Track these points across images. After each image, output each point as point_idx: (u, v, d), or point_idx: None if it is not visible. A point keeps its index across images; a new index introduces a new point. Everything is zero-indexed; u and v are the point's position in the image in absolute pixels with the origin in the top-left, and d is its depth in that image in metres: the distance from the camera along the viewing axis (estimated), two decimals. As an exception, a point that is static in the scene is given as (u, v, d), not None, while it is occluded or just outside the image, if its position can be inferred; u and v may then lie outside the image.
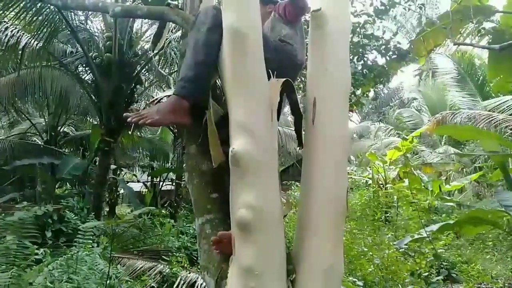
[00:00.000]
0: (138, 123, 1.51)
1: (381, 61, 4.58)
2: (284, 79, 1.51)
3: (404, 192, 5.92)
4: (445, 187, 8.10)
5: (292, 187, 8.99)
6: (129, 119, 1.52)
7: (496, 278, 4.79)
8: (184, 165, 1.73)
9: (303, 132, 1.63)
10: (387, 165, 8.09)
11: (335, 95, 1.44)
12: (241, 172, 1.27)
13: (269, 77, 1.45)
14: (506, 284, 4.65)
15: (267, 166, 1.30)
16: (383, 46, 4.09)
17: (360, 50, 3.95)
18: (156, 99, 1.63)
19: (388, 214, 6.94)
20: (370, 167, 9.11)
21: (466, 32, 5.62)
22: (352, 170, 10.27)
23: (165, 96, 1.61)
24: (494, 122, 6.59)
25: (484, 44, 5.38)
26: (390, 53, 4.12)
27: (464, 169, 10.05)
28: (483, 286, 4.63)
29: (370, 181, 8.90)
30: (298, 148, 1.74)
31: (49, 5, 5.36)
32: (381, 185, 8.14)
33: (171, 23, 2.04)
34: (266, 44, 1.47)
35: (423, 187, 7.22)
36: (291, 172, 11.37)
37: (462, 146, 10.64)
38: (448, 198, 7.28)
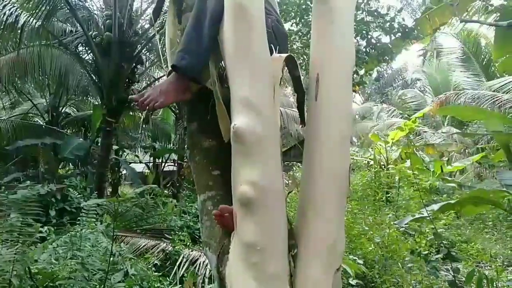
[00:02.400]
0: (145, 108, 1.50)
1: (385, 39, 4.50)
2: (287, 54, 1.49)
3: (406, 173, 5.92)
4: (446, 168, 8.10)
5: (294, 168, 9.01)
6: (136, 107, 1.52)
7: (495, 257, 4.84)
8: (185, 144, 1.73)
9: (305, 110, 1.62)
10: (389, 146, 8.07)
11: (339, 70, 1.41)
12: (243, 149, 1.25)
13: (270, 52, 1.42)
14: (505, 263, 4.70)
15: (269, 142, 1.28)
16: (388, 24, 4.00)
17: (364, 27, 3.87)
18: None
19: (389, 195, 6.97)
20: (372, 148, 9.10)
21: (473, 10, 5.51)
22: (354, 151, 10.26)
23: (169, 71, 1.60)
24: (498, 103, 6.54)
25: (491, 22, 5.28)
26: (395, 30, 4.04)
27: (466, 150, 10.03)
28: (482, 264, 4.69)
29: (372, 162, 8.90)
30: (301, 126, 1.72)
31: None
32: (383, 166, 8.14)
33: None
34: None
35: (424, 167, 7.22)
36: (293, 153, 11.38)
37: (465, 127, 10.59)
38: (450, 179, 7.30)
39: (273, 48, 1.46)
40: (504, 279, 3.86)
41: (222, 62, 1.68)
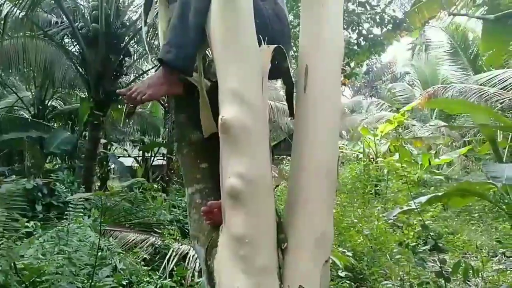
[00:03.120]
0: (133, 101, 1.47)
1: (376, 31, 4.50)
2: (275, 45, 1.47)
3: (394, 166, 5.98)
4: (434, 160, 8.20)
5: (284, 161, 9.03)
6: (124, 100, 1.49)
7: (481, 248, 4.94)
8: (174, 137, 1.71)
9: (294, 102, 1.61)
10: (378, 139, 8.13)
11: (328, 62, 1.40)
12: (231, 141, 1.24)
13: (259, 44, 1.40)
14: (490, 254, 4.80)
15: (258, 134, 1.27)
16: (378, 15, 4.00)
17: (355, 19, 3.86)
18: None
19: (378, 187, 7.03)
20: (361, 141, 9.16)
21: (461, 4, 5.55)
22: (343, 144, 10.32)
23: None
24: (485, 96, 6.63)
25: (479, 15, 5.33)
26: (386, 22, 4.04)
27: (454, 143, 10.17)
28: (468, 255, 4.78)
29: (361, 155, 8.97)
30: (290, 118, 1.71)
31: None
32: (372, 159, 8.21)
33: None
34: (255, 7, 1.41)
35: (413, 160, 7.30)
36: (282, 146, 11.39)
37: (453, 120, 10.73)
38: (437, 171, 7.39)
39: (262, 39, 1.44)
40: (489, 269, 3.94)
41: (209, 53, 1.66)
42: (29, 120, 8.42)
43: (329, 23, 1.41)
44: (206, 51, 1.69)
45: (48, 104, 9.49)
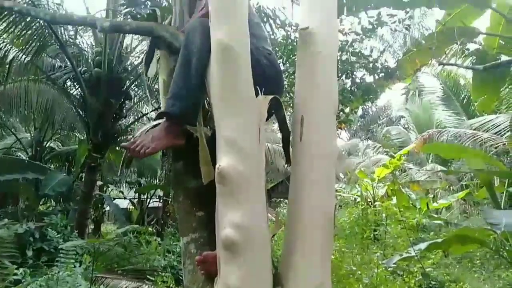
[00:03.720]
0: (137, 155, 1.48)
1: (369, 79, 4.65)
2: (272, 96, 1.51)
3: (392, 210, 5.92)
4: (432, 205, 8.14)
5: (281, 204, 8.94)
6: (128, 153, 1.50)
7: (485, 297, 4.78)
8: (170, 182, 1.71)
9: (291, 149, 1.63)
10: (375, 183, 8.11)
11: (322, 113, 1.44)
12: (228, 190, 1.24)
13: (256, 93, 1.44)
14: (494, 303, 4.64)
15: (254, 184, 1.28)
16: (371, 64, 4.16)
17: (349, 67, 4.01)
18: (145, 129, 1.61)
19: (376, 232, 6.91)
20: (358, 184, 9.13)
21: (451, 53, 5.78)
22: (341, 187, 10.27)
23: (154, 125, 1.59)
24: (479, 141, 6.72)
25: (468, 65, 5.53)
26: (378, 71, 4.19)
27: (451, 187, 10.14)
28: (472, 305, 4.61)
29: (358, 199, 8.90)
30: (286, 165, 1.73)
31: (38, 19, 5.34)
32: (370, 203, 8.14)
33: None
34: (252, 59, 1.46)
35: (411, 204, 7.24)
36: (280, 189, 11.32)
37: (449, 164, 10.77)
38: (436, 216, 7.32)
39: (259, 90, 1.49)
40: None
41: (207, 102, 1.71)
42: (26, 161, 8.39)
43: (324, 74, 1.47)
44: (205, 100, 1.74)
45: (46, 146, 9.52)
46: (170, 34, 1.74)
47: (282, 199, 9.13)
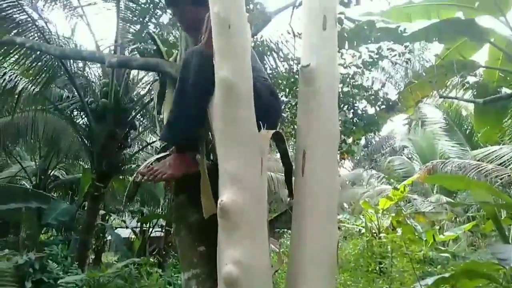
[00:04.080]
0: (153, 179, 1.51)
1: (371, 110, 4.70)
2: (274, 130, 1.53)
3: (398, 242, 5.81)
4: (439, 237, 7.97)
5: (285, 235, 8.80)
6: (144, 178, 1.52)
7: (497, 335, 4.58)
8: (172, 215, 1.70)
9: (293, 183, 1.63)
10: (380, 213, 8.00)
11: (324, 148, 1.46)
12: (229, 225, 1.24)
13: (258, 127, 1.47)
14: None
15: (256, 219, 1.28)
16: (372, 96, 4.22)
17: (350, 99, 4.07)
18: (150, 162, 1.63)
19: (382, 265, 6.75)
20: (363, 215, 9.01)
21: (452, 85, 5.86)
22: (345, 218, 10.13)
23: (157, 158, 1.61)
24: (484, 172, 6.68)
25: (469, 97, 5.60)
26: (380, 103, 4.25)
27: (457, 219, 9.98)
28: None
29: (363, 230, 8.75)
30: (289, 198, 1.73)
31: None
32: (375, 234, 7.99)
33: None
34: (255, 91, 1.48)
35: (417, 236, 7.10)
36: (283, 219, 11.18)
37: (454, 195, 10.65)
38: (443, 248, 7.15)
39: (261, 125, 1.51)
40: None
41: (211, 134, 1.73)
42: (30, 190, 8.41)
43: (325, 110, 1.50)
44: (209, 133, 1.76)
45: (51, 174, 9.56)
46: (176, 70, 1.79)
47: (285, 230, 8.99)
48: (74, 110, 7.62)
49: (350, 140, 4.87)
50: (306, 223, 1.40)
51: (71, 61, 6.55)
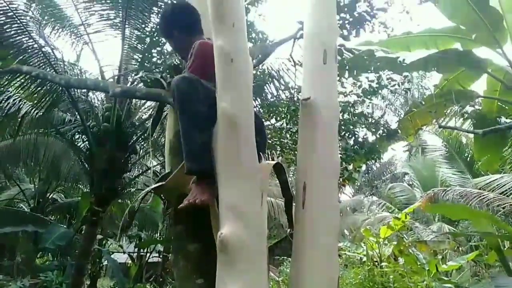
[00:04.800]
0: (193, 205, 1.45)
1: (371, 137, 4.72)
2: (275, 162, 1.54)
3: (400, 272, 5.70)
4: (442, 266, 7.82)
5: (284, 262, 8.64)
6: (184, 205, 1.48)
7: None
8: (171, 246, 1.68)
9: (293, 214, 1.62)
10: (381, 241, 7.88)
11: (324, 181, 1.46)
12: (229, 259, 1.23)
13: (259, 158, 1.47)
14: None
15: (255, 252, 1.27)
16: (373, 125, 4.25)
17: (351, 126, 4.10)
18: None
19: (384, 296, 6.58)
20: (364, 242, 8.88)
21: (451, 114, 5.91)
22: (345, 245, 9.98)
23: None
24: (486, 201, 6.62)
25: (468, 126, 5.64)
26: (380, 131, 4.27)
27: (460, 248, 9.82)
28: None
29: (364, 258, 8.60)
30: (289, 230, 1.71)
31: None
32: (376, 263, 7.85)
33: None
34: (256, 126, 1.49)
35: (419, 266, 6.98)
36: (283, 245, 11.01)
37: (456, 223, 10.52)
38: (446, 278, 7.00)
39: (261, 156, 1.52)
40: None
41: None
42: (27, 213, 8.33)
43: (325, 143, 1.51)
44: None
45: (49, 197, 9.50)
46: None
47: (285, 257, 8.84)
48: (76, 133, 7.65)
49: (351, 167, 4.87)
50: (306, 256, 1.39)
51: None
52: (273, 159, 6.38)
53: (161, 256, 9.86)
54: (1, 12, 5.22)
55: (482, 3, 4.24)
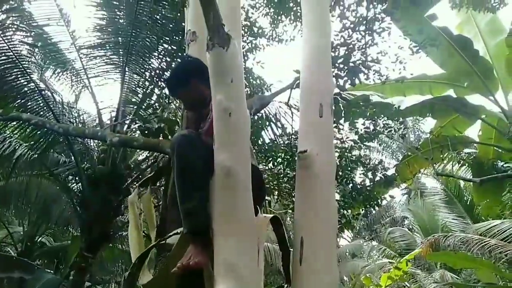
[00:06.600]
0: (188, 268, 1.39)
1: (369, 183, 4.65)
2: (272, 215, 1.49)
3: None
4: (446, 317, 7.49)
5: (282, 313, 8.24)
6: (179, 270, 1.41)
7: None
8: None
9: (291, 270, 1.55)
10: (382, 289, 7.57)
11: (321, 235, 1.41)
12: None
13: (256, 212, 1.41)
14: None
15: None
16: (370, 171, 4.23)
17: (348, 173, 4.06)
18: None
19: None
20: (364, 291, 8.55)
21: (448, 159, 5.92)
22: (345, 293, 9.62)
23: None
24: (488, 248, 6.46)
25: (465, 170, 5.63)
26: (378, 178, 4.24)
27: (464, 297, 9.45)
28: None
29: (365, 308, 8.23)
30: (286, 285, 1.63)
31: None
32: (378, 313, 7.50)
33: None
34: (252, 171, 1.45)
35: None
36: (281, 293, 10.56)
37: (459, 270, 10.21)
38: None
39: (258, 209, 1.47)
40: None
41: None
42: (14, 258, 8.01)
43: (322, 196, 1.47)
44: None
45: (38, 241, 9.19)
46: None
47: (282, 307, 8.45)
48: (69, 175, 7.54)
49: (349, 213, 4.77)
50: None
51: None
52: (270, 204, 6.27)
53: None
54: (3, 55, 5.33)
55: (471, 53, 4.38)
